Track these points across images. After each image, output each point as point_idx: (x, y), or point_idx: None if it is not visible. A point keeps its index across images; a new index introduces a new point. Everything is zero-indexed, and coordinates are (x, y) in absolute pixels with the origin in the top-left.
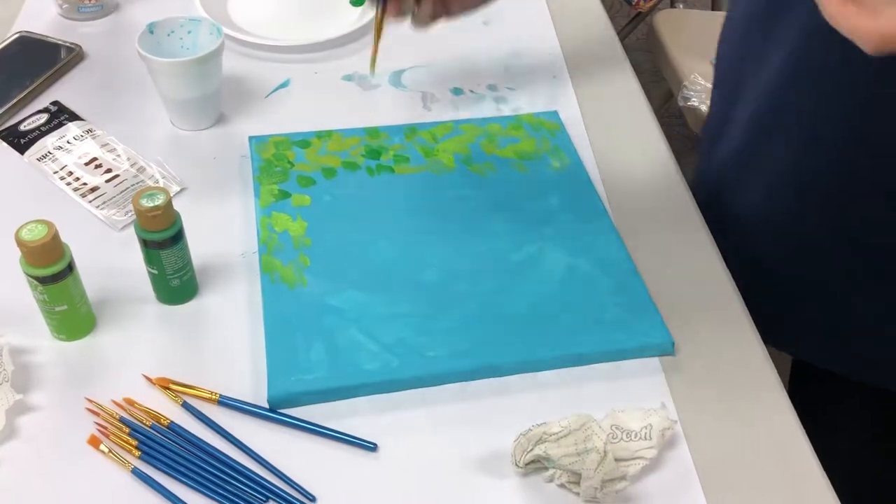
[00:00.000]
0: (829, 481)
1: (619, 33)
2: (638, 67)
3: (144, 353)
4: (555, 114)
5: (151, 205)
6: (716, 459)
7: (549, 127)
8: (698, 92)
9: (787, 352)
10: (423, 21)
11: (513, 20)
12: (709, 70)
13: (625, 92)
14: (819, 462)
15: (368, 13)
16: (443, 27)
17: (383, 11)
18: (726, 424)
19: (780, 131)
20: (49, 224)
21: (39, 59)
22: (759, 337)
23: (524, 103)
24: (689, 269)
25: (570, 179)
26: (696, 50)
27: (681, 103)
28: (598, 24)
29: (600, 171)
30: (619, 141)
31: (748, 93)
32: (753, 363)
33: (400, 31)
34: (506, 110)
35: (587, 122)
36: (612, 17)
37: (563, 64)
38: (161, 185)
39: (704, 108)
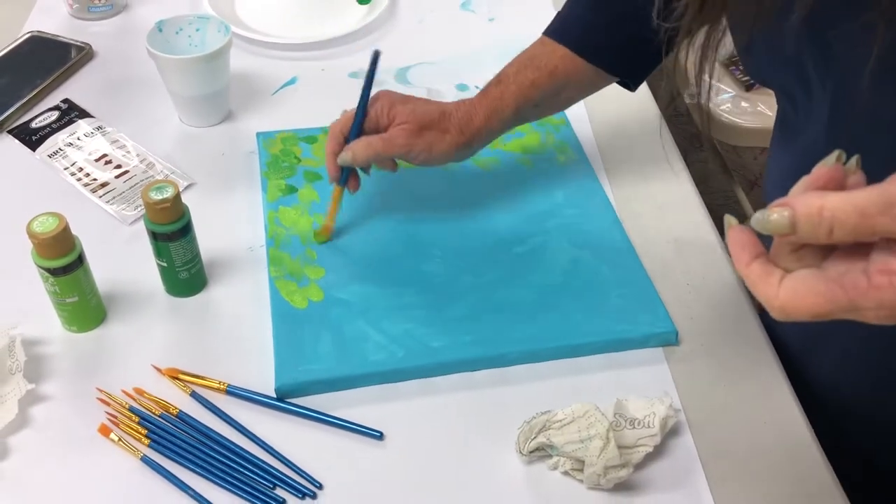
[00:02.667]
0: (831, 469)
1: None
2: None
3: (154, 344)
4: None
5: (160, 197)
6: (719, 447)
7: (554, 122)
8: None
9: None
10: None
11: (517, 16)
12: (716, 67)
13: None
14: (820, 447)
15: (374, 11)
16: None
17: (342, 190)
18: (729, 413)
19: None
20: (60, 216)
21: (50, 58)
22: (762, 326)
23: None
24: (693, 259)
25: (574, 173)
26: None
27: (688, 101)
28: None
29: (605, 165)
30: (624, 136)
31: None
32: (756, 353)
33: (405, 27)
34: None
35: (592, 117)
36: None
37: None
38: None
39: (711, 105)
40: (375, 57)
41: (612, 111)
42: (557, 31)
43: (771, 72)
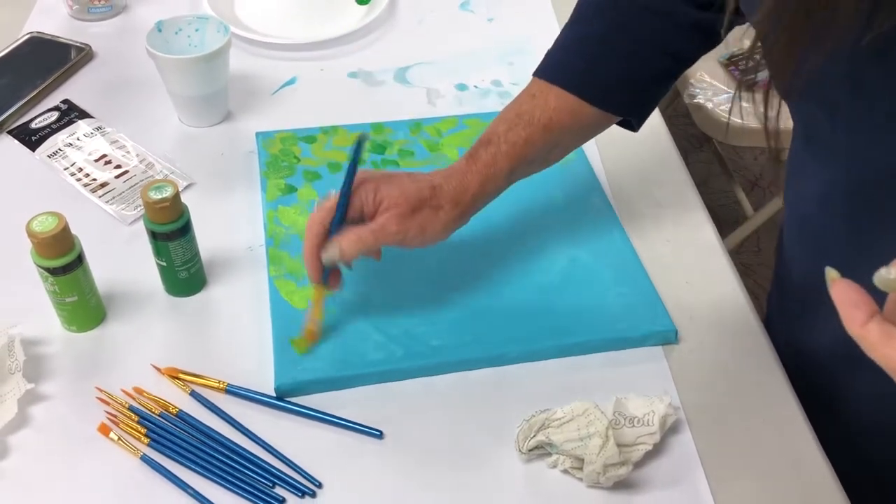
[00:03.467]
0: (831, 467)
1: None
2: None
3: (153, 344)
4: None
5: (159, 197)
6: (718, 445)
7: None
8: (704, 90)
9: None
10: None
11: (516, 16)
12: (714, 68)
13: None
14: (819, 445)
15: (374, 11)
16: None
17: (324, 290)
18: (728, 411)
19: None
20: (59, 216)
21: (50, 59)
22: (761, 325)
23: None
24: (693, 258)
25: (574, 173)
26: None
27: (687, 101)
28: None
29: (604, 165)
30: (624, 135)
31: None
32: (755, 351)
33: (405, 27)
34: None
35: None
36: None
37: None
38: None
39: (710, 105)
40: (361, 141)
41: None
42: (553, 72)
43: (825, 86)
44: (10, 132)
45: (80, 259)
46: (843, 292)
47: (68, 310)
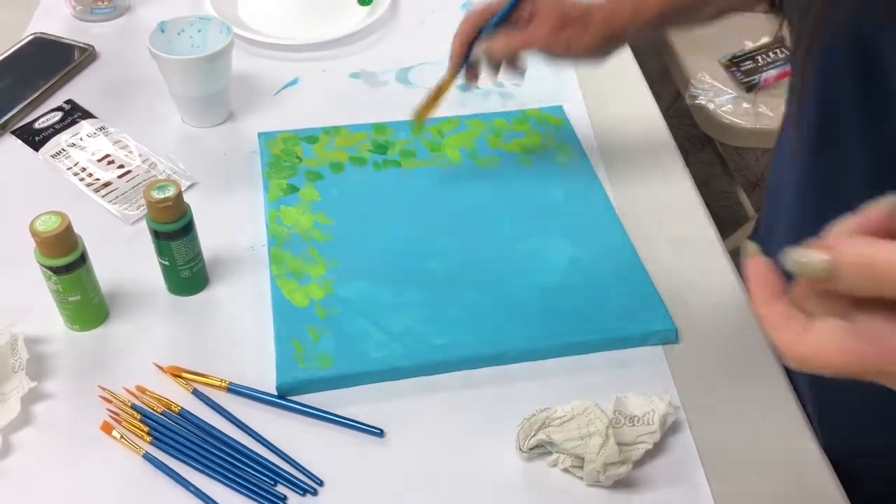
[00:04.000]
0: (830, 466)
1: None
2: (646, 67)
3: (156, 343)
4: (560, 109)
5: (162, 196)
6: (718, 444)
7: (554, 122)
8: (706, 90)
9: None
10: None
11: None
12: (716, 68)
13: (630, 88)
14: (819, 444)
15: (375, 12)
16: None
17: (451, 81)
18: (728, 411)
19: None
20: (62, 215)
21: (53, 60)
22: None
23: (530, 99)
24: (693, 258)
25: (574, 173)
26: (703, 48)
27: (688, 101)
28: None
29: (605, 165)
30: (625, 135)
31: None
32: (755, 351)
33: (406, 27)
34: (511, 105)
35: (592, 118)
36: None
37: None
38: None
39: (712, 106)
40: None
41: (613, 111)
42: None
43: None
44: (13, 132)
45: (82, 258)
46: (755, 268)
47: (71, 309)
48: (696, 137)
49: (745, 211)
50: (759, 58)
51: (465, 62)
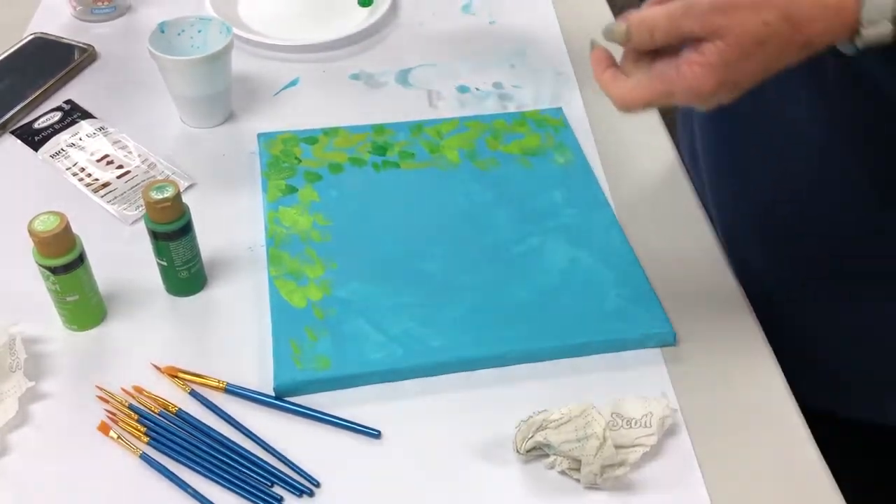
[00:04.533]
0: (828, 469)
1: None
2: None
3: (153, 343)
4: (559, 111)
5: (161, 196)
6: (716, 448)
7: (553, 123)
8: None
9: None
10: None
11: (518, 18)
12: None
13: None
14: (817, 448)
15: (376, 13)
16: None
17: None
18: (726, 413)
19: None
20: (61, 215)
21: (53, 60)
22: (759, 327)
23: (529, 100)
24: (692, 261)
25: (573, 175)
26: None
27: None
28: (605, 23)
29: (604, 167)
30: (624, 138)
31: None
32: (754, 354)
33: (407, 29)
34: (511, 107)
35: (592, 120)
36: (619, 17)
37: (567, 62)
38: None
39: None
40: None
41: (612, 113)
42: None
43: None
44: (13, 132)
45: (81, 258)
46: (596, 54)
47: (69, 309)
48: None
49: None
50: None
51: None
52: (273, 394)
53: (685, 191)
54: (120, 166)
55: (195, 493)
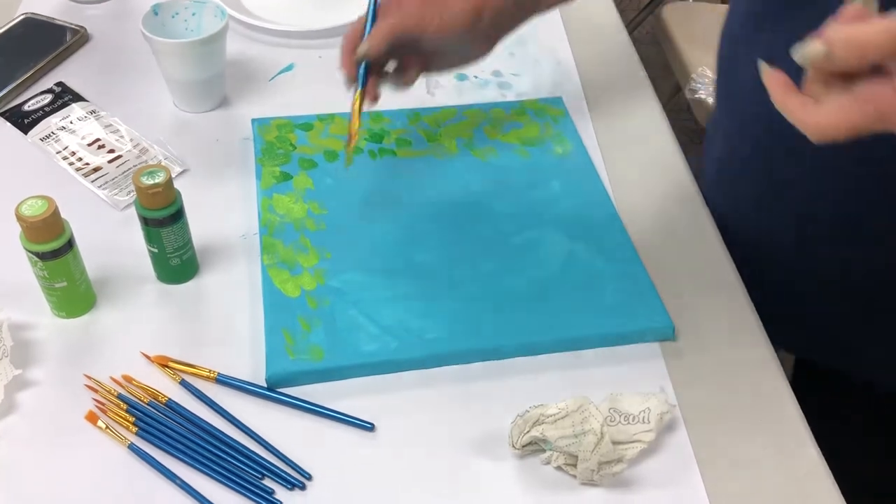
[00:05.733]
0: (826, 464)
1: (626, 26)
2: (646, 60)
3: (144, 332)
4: (559, 100)
5: (151, 182)
6: (714, 444)
7: (552, 113)
8: (706, 84)
9: (789, 351)
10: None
11: None
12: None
13: (630, 80)
14: (816, 445)
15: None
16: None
17: (363, 94)
18: (725, 410)
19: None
20: (49, 200)
21: (44, 41)
22: (759, 323)
23: (528, 89)
24: (692, 255)
25: (572, 165)
26: (704, 42)
27: (688, 95)
28: (606, 14)
29: (604, 158)
30: (624, 128)
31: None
32: (753, 349)
33: None
34: (510, 96)
35: (591, 110)
36: (621, 10)
37: (568, 50)
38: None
39: (712, 100)
40: None
41: (612, 104)
42: None
43: None
44: (2, 114)
45: (69, 244)
46: (772, 76)
47: (57, 295)
48: (694, 132)
49: None
50: None
51: (361, 73)
52: (265, 384)
53: (686, 183)
54: (111, 151)
55: (184, 485)
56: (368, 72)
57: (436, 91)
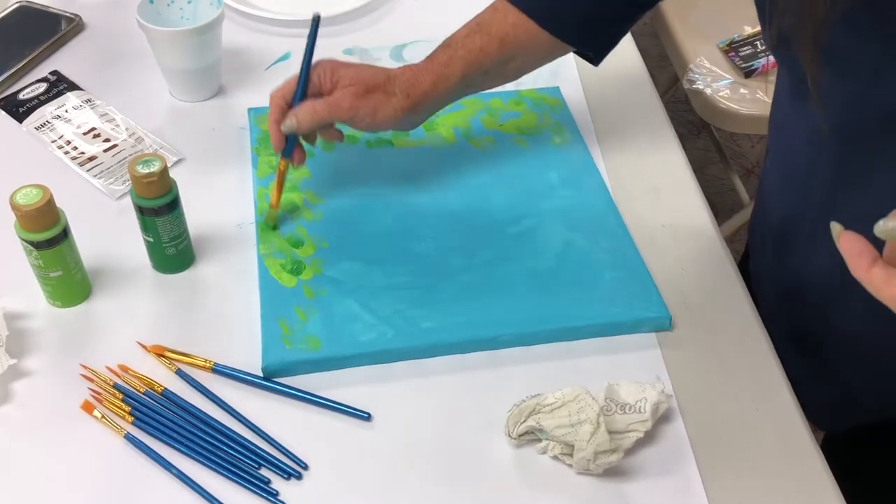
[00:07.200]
0: (821, 454)
1: None
2: (645, 52)
3: (139, 321)
4: (557, 90)
5: (147, 171)
6: (710, 433)
7: (550, 103)
8: (703, 75)
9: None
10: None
11: None
12: (714, 53)
13: (628, 71)
14: (812, 435)
15: None
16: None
17: (287, 163)
18: (721, 399)
19: None
20: (44, 188)
21: (39, 29)
22: (755, 312)
23: (526, 79)
24: (689, 245)
25: (570, 155)
26: (702, 33)
27: (686, 86)
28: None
29: (601, 148)
30: (622, 120)
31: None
32: (749, 339)
33: (402, 4)
34: (507, 86)
35: (589, 100)
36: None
37: None
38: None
39: (710, 91)
40: (316, 21)
41: (611, 94)
42: None
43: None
44: None
45: (65, 233)
46: (848, 243)
47: (53, 284)
48: (692, 123)
49: (740, 198)
50: (757, 43)
51: (288, 145)
52: (261, 374)
53: (684, 175)
54: (107, 140)
55: (180, 474)
56: (294, 138)
57: None
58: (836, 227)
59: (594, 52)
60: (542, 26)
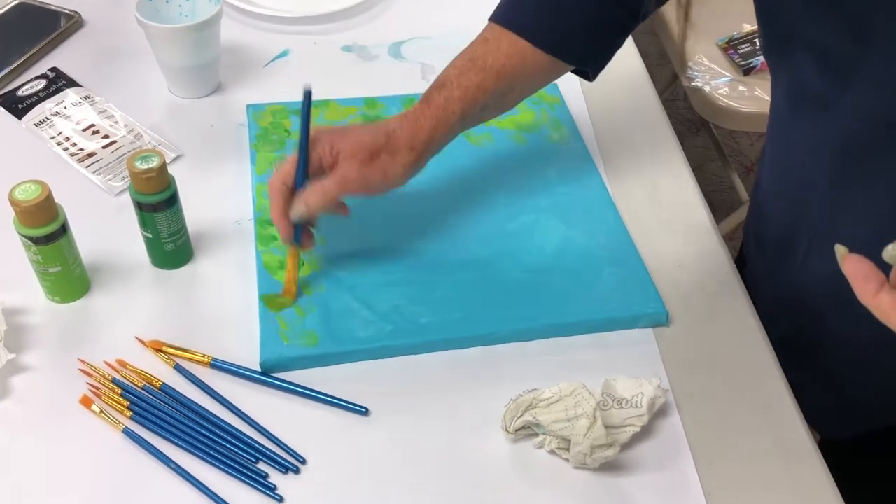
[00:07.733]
0: (818, 450)
1: None
2: (643, 50)
3: (138, 317)
4: (555, 87)
5: (146, 167)
6: (706, 429)
7: (549, 100)
8: (702, 73)
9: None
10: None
11: None
12: (713, 51)
13: (627, 68)
14: (809, 431)
15: None
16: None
17: (298, 250)
18: (717, 395)
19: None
20: (43, 184)
21: (38, 26)
22: (752, 309)
23: None
24: (686, 241)
25: (568, 152)
26: (701, 31)
27: (685, 84)
28: None
29: (599, 145)
30: (621, 117)
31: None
32: (746, 335)
33: (400, 2)
34: None
35: (588, 97)
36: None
37: None
38: None
39: (708, 88)
40: (308, 94)
41: (609, 92)
42: (507, 17)
43: (809, 21)
44: None
45: (63, 229)
46: (853, 266)
47: (51, 280)
48: (690, 121)
49: (739, 195)
50: (756, 41)
51: (295, 230)
52: (259, 369)
53: (682, 172)
54: (106, 136)
55: (178, 469)
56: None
57: (431, 77)
58: (840, 250)
59: (592, 68)
60: (539, 48)
